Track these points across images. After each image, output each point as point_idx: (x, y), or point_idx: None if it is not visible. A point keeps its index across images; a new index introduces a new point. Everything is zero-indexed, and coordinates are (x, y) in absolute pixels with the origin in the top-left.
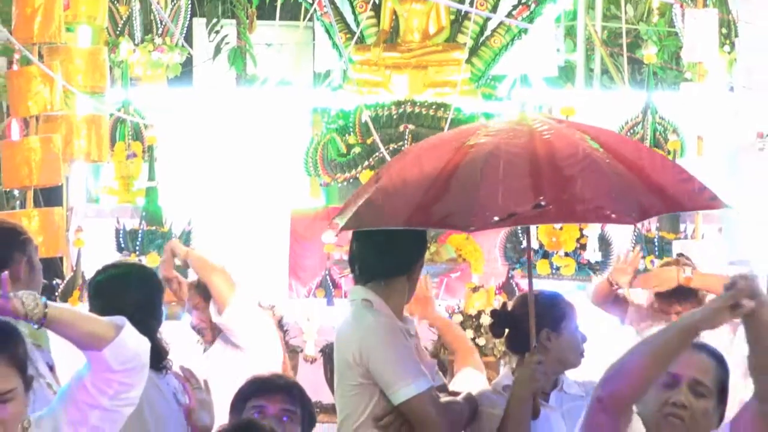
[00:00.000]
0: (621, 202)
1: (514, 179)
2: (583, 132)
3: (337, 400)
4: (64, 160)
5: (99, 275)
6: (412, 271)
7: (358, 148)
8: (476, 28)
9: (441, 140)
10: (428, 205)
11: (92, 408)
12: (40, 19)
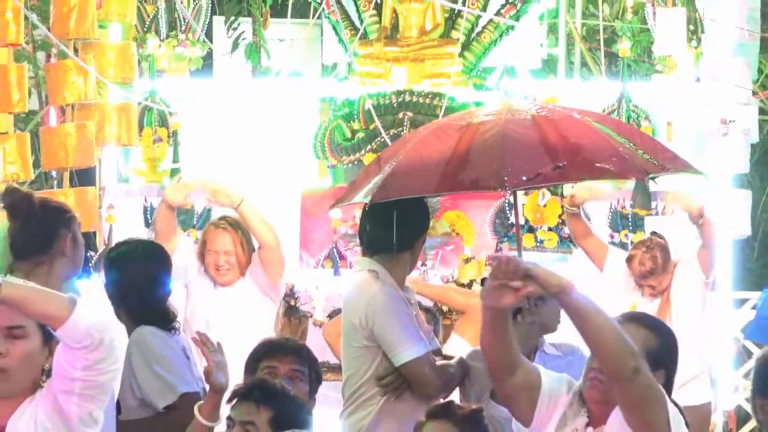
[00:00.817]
0: (625, 161)
1: (532, 147)
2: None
3: (342, 360)
4: (97, 144)
5: (111, 252)
6: (414, 246)
7: (361, 133)
8: (468, 25)
9: (445, 123)
10: (454, 173)
11: (71, 380)
12: (75, 17)
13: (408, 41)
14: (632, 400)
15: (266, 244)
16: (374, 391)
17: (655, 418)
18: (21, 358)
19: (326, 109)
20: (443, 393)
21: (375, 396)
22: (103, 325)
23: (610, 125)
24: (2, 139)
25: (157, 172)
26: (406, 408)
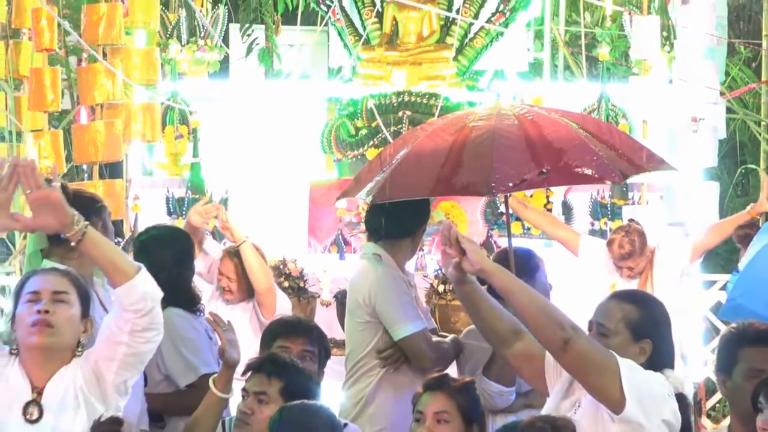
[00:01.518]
0: (604, 166)
1: (518, 153)
2: (555, 113)
3: (346, 335)
4: (124, 140)
5: (141, 235)
6: (415, 234)
7: (364, 130)
8: (461, 31)
9: (440, 128)
10: (448, 177)
11: (117, 344)
12: (104, 24)
13: (407, 46)
14: (569, 368)
15: (258, 289)
16: (374, 363)
17: (601, 383)
18: (65, 320)
19: (332, 108)
20: (437, 366)
21: (375, 368)
22: (156, 296)
23: (590, 127)
24: (38, 135)
25: (178, 165)
26: (404, 379)
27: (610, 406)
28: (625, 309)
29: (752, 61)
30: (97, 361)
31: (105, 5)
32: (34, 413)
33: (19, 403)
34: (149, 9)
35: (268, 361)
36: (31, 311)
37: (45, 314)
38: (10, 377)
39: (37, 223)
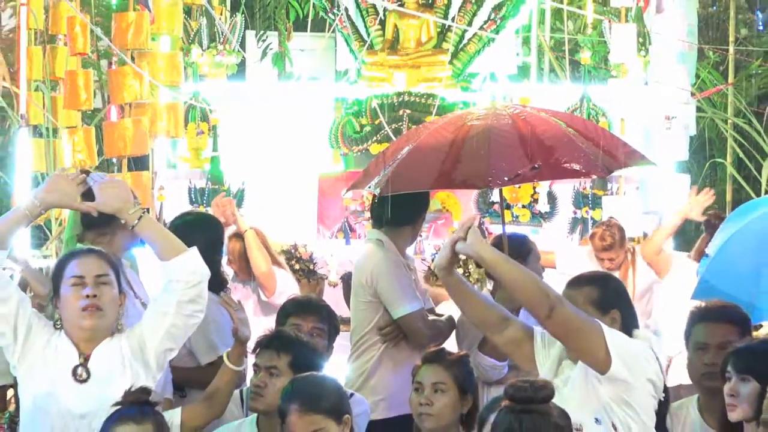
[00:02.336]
0: (591, 162)
1: (513, 149)
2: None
3: (351, 313)
4: (150, 136)
5: (177, 220)
6: (415, 222)
7: (368, 127)
8: (456, 38)
9: (442, 126)
10: (448, 171)
11: (164, 314)
12: (132, 30)
13: (407, 51)
14: (556, 333)
15: (257, 272)
16: (376, 339)
17: (587, 344)
18: (110, 301)
19: (339, 107)
20: (433, 342)
21: (376, 343)
22: (205, 272)
23: (578, 126)
24: (72, 132)
25: (199, 159)
26: (403, 354)
27: (596, 367)
28: (584, 291)
29: (720, 65)
30: (143, 332)
31: (133, 13)
32: (83, 374)
33: (68, 366)
34: (173, 17)
35: (276, 337)
36: (79, 295)
37: (93, 299)
38: (58, 345)
39: (101, 204)
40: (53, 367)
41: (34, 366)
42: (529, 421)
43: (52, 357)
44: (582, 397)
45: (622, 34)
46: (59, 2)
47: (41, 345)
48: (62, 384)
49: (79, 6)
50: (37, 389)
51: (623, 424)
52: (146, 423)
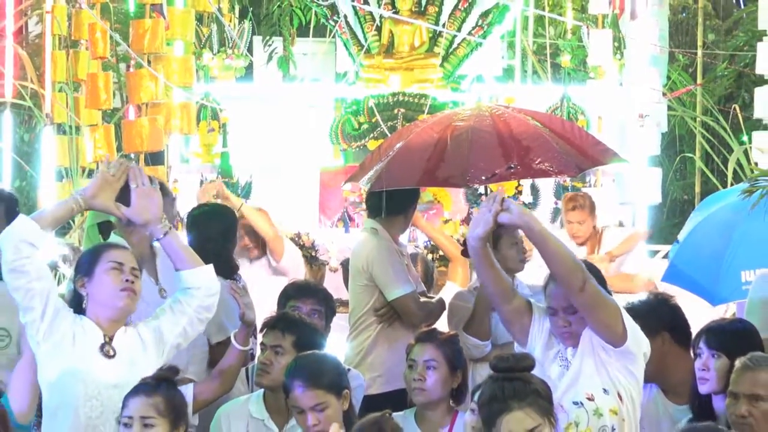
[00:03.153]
0: (563, 162)
1: (491, 150)
2: (525, 114)
3: (349, 296)
4: (165, 133)
5: (194, 211)
6: (407, 211)
7: (366, 125)
8: (446, 42)
9: (429, 126)
10: (432, 170)
11: (183, 314)
12: (148, 36)
13: (401, 55)
14: (586, 305)
15: (267, 237)
16: (372, 320)
17: (609, 319)
18: (139, 290)
19: (339, 106)
20: (424, 322)
21: (373, 324)
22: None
23: (555, 126)
24: (93, 129)
25: (210, 154)
26: (397, 334)
27: (614, 339)
28: None
29: (689, 67)
30: (161, 326)
31: (149, 20)
32: (110, 351)
33: (94, 345)
34: (186, 23)
35: (281, 319)
36: (119, 278)
37: (131, 284)
38: (85, 325)
39: (133, 213)
40: (81, 345)
41: (62, 343)
42: (510, 387)
43: (80, 336)
44: (591, 369)
45: (599, 39)
46: (81, 10)
47: (68, 325)
48: (92, 359)
49: (99, 14)
50: (66, 363)
51: (627, 393)
52: (156, 396)
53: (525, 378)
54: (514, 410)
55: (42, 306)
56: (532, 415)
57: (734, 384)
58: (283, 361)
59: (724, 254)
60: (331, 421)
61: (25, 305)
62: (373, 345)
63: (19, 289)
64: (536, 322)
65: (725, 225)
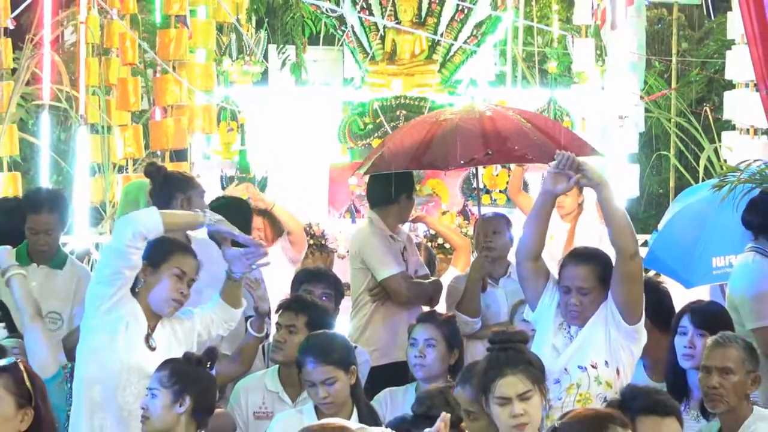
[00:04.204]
0: (538, 151)
1: (473, 138)
2: (512, 111)
3: (350, 278)
4: (188, 133)
5: (213, 202)
6: (399, 201)
7: (370, 125)
8: (444, 50)
9: (422, 119)
10: (419, 156)
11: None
12: (173, 44)
13: (403, 61)
14: (627, 274)
15: (293, 232)
16: (368, 299)
17: (638, 297)
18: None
19: (346, 108)
20: (412, 301)
21: (368, 303)
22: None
23: (538, 123)
24: (123, 129)
25: (230, 152)
26: (389, 312)
27: (632, 317)
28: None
29: (664, 73)
30: (194, 327)
31: (174, 30)
32: (153, 344)
33: (141, 333)
34: (208, 33)
35: (295, 301)
36: (177, 288)
37: (183, 296)
38: (137, 314)
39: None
40: (131, 333)
41: (116, 327)
42: (504, 356)
43: (132, 325)
44: (600, 339)
45: (583, 47)
46: (112, 21)
47: (125, 312)
48: (137, 349)
49: (128, 24)
50: (114, 347)
51: (624, 370)
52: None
53: (519, 349)
54: (507, 375)
55: (117, 290)
56: (524, 381)
57: (707, 359)
58: (296, 339)
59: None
60: (340, 394)
61: (105, 280)
62: (369, 322)
63: (111, 267)
64: (549, 290)
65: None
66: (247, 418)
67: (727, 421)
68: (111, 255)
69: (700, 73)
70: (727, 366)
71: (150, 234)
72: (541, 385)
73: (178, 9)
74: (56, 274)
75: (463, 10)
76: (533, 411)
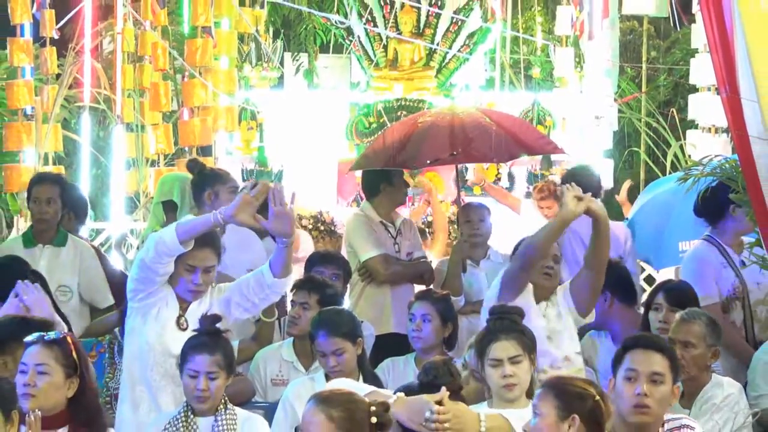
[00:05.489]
0: (498, 151)
1: (441, 139)
2: (485, 113)
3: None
4: (213, 131)
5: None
6: (382, 191)
7: (375, 124)
8: (440, 58)
9: (405, 121)
10: (394, 155)
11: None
12: (200, 52)
13: (403, 67)
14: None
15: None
16: (358, 278)
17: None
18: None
19: (353, 109)
20: (390, 280)
21: (358, 282)
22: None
23: (504, 123)
24: (155, 128)
25: (249, 148)
26: (374, 290)
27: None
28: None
29: (636, 78)
30: (230, 303)
31: (200, 40)
32: (184, 323)
33: (173, 315)
34: (230, 42)
35: (307, 281)
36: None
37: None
38: (169, 298)
39: (271, 227)
40: (161, 317)
41: (149, 312)
42: (500, 324)
43: (162, 310)
44: (571, 332)
45: (564, 55)
46: (146, 32)
47: (156, 300)
48: (166, 331)
49: (160, 34)
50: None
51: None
52: (217, 354)
53: (513, 320)
54: (500, 340)
55: (146, 288)
56: (515, 346)
57: (673, 332)
58: (309, 315)
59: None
60: (349, 364)
61: (137, 280)
62: (359, 299)
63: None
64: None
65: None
66: (265, 384)
67: (689, 388)
68: (140, 265)
69: (667, 78)
70: (689, 340)
71: (174, 252)
72: (531, 354)
73: (204, 21)
74: (60, 251)
75: (457, 22)
76: (522, 374)
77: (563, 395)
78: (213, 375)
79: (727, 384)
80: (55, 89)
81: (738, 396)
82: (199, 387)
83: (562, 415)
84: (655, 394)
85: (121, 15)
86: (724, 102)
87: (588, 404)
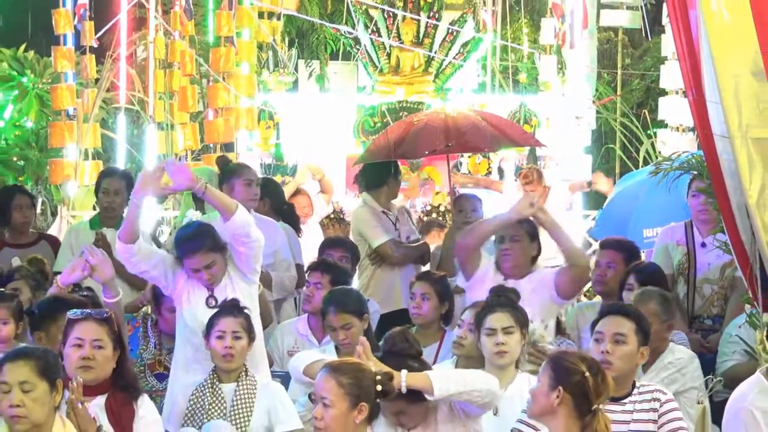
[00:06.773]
0: (487, 142)
1: (436, 133)
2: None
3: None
4: (235, 130)
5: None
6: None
7: (379, 124)
8: (437, 64)
9: (403, 120)
10: (394, 148)
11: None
12: (223, 59)
13: (405, 73)
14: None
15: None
16: (368, 263)
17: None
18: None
19: (360, 110)
20: (403, 262)
21: (369, 266)
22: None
23: (492, 120)
24: (183, 126)
25: (267, 144)
26: (385, 272)
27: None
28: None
29: (612, 83)
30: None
31: (224, 48)
32: (212, 302)
33: (202, 298)
34: (250, 50)
35: (320, 263)
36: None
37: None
38: (195, 282)
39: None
40: (193, 300)
41: (180, 296)
42: (497, 300)
43: (191, 294)
44: (540, 304)
45: (547, 62)
46: (175, 41)
47: (183, 284)
48: (197, 311)
49: (188, 43)
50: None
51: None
52: (240, 317)
53: (509, 297)
54: (496, 312)
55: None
56: (509, 319)
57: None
58: (321, 293)
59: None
60: (356, 337)
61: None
62: (369, 280)
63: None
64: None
65: (633, 196)
66: (282, 354)
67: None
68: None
69: (640, 82)
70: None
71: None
72: (523, 329)
73: (227, 31)
74: None
75: (452, 32)
76: (513, 344)
77: (556, 368)
78: (237, 334)
79: (678, 350)
80: (94, 92)
81: (687, 361)
82: (226, 344)
83: (552, 385)
84: (616, 353)
85: (153, 26)
86: (691, 104)
87: (574, 379)
